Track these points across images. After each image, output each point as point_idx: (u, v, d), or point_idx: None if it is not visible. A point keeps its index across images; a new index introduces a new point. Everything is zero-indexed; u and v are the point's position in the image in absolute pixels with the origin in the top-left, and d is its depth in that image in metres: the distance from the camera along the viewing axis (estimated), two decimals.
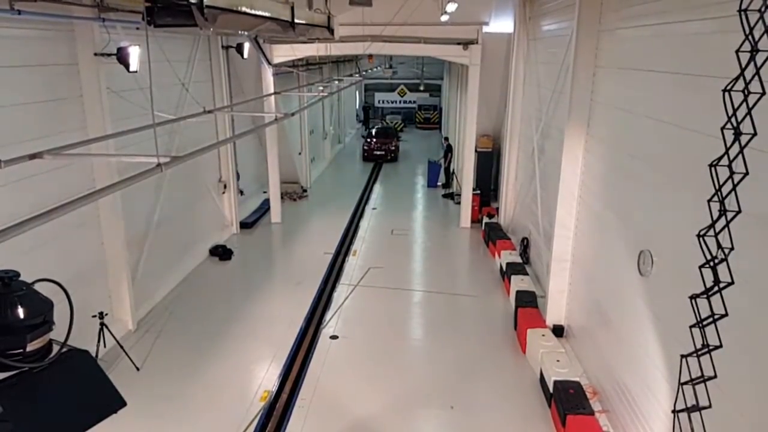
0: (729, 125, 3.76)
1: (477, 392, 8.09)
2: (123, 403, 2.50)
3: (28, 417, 2.23)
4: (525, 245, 12.61)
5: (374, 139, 26.43)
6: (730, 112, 3.73)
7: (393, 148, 25.81)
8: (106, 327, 8.19)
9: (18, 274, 2.33)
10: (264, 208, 16.96)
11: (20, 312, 2.24)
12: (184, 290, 11.53)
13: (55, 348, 2.42)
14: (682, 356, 4.38)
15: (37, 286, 2.53)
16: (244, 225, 15.62)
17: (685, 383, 4.35)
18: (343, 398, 7.91)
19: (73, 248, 8.37)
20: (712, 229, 3.95)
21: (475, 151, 15.63)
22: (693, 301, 4.12)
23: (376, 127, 28.72)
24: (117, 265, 9.36)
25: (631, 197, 6.89)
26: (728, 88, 3.72)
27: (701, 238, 3.99)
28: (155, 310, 10.56)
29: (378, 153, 25.54)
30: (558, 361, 7.88)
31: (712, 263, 3.95)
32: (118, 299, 9.50)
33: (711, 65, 5.03)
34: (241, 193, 15.97)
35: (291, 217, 16.69)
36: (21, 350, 2.25)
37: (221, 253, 13.38)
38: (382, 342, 9.57)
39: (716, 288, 3.94)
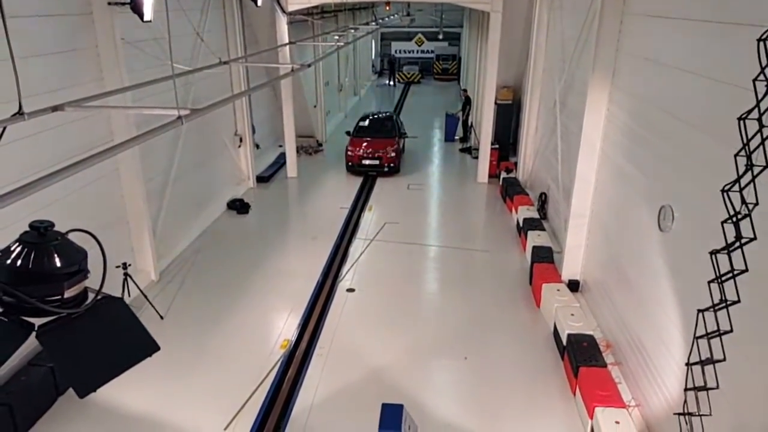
0: (762, 76, 3.63)
1: (491, 344, 8.26)
2: (157, 348, 2.63)
3: (69, 359, 2.36)
4: (543, 200, 12.53)
5: (364, 141, 16.41)
6: (765, 62, 3.59)
7: (392, 153, 15.98)
8: (130, 277, 8.44)
9: (52, 224, 2.40)
10: (280, 162, 16.98)
11: (57, 260, 2.32)
12: (204, 242, 11.77)
13: (90, 296, 2.52)
14: (699, 311, 4.41)
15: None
16: (261, 179, 15.71)
17: (701, 337, 4.40)
18: (359, 348, 8.16)
19: (94, 201, 8.52)
20: (737, 184, 3.89)
21: (495, 103, 15.30)
22: (713, 256, 4.11)
23: (368, 117, 18.16)
24: (138, 217, 9.55)
25: (655, 151, 6.75)
26: (763, 36, 3.57)
27: (725, 193, 3.94)
28: (176, 261, 10.83)
29: (368, 162, 15.90)
30: (572, 315, 7.98)
31: (735, 218, 3.91)
32: (140, 251, 9.75)
33: (747, 12, 4.80)
34: (257, 146, 15.98)
35: (307, 172, 16.72)
36: (59, 297, 2.34)
37: (239, 206, 13.55)
38: (398, 295, 9.75)
39: (738, 243, 3.92)
